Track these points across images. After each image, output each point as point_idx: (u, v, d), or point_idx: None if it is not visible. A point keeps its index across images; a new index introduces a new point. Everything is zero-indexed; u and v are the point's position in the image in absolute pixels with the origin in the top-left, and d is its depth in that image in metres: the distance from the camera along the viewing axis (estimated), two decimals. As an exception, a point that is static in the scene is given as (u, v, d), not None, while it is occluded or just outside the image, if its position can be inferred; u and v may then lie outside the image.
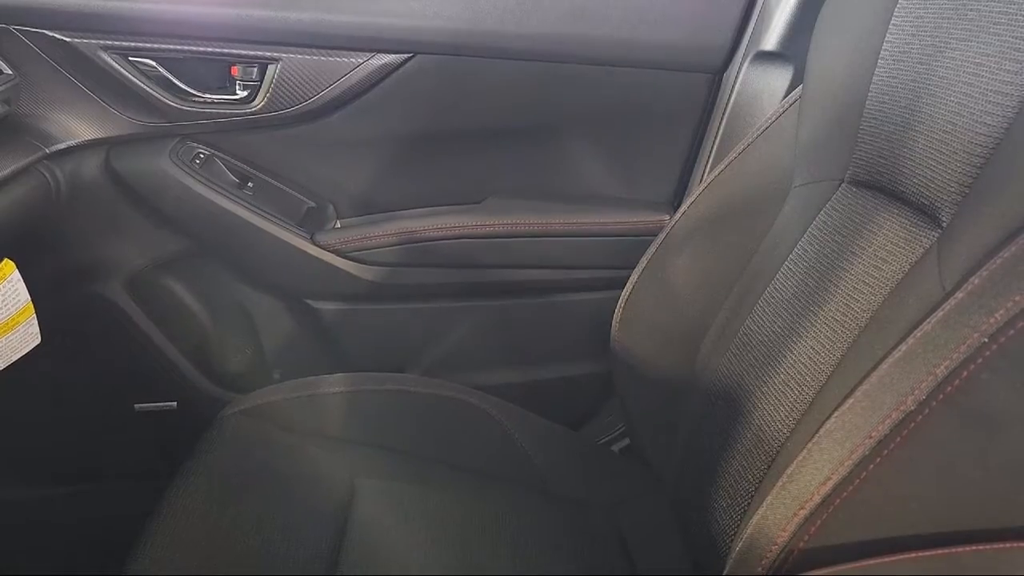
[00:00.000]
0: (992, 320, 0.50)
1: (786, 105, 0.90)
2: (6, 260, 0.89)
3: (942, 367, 0.51)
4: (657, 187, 1.16)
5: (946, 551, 0.52)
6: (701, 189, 0.94)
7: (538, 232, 1.12)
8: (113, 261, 1.11)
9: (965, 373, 0.50)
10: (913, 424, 0.51)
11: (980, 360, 0.50)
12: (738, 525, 0.73)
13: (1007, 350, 0.50)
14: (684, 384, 0.92)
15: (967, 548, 0.52)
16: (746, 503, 0.73)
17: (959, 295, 0.53)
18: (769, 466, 0.72)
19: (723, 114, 1.09)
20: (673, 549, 0.90)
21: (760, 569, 0.55)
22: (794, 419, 0.71)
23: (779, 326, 0.80)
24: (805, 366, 0.73)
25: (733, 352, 0.85)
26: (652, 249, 0.96)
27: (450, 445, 0.99)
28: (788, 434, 0.71)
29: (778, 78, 1.03)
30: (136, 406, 1.19)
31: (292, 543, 0.81)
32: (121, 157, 1.06)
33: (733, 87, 1.07)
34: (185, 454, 0.93)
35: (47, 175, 1.00)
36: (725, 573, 0.59)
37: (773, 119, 0.91)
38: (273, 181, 1.12)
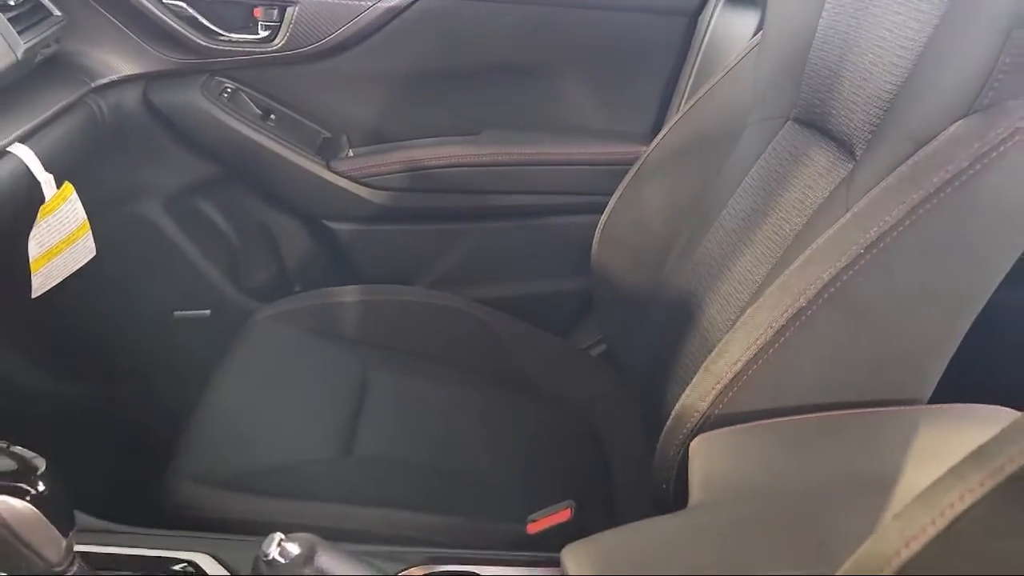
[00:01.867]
0: (867, 236, 0.63)
1: (747, 49, 1.01)
2: (66, 183, 1.01)
3: (828, 272, 0.64)
4: (637, 121, 1.27)
5: (826, 414, 0.67)
6: (671, 123, 1.05)
7: (529, 161, 1.24)
8: (152, 184, 1.24)
9: (845, 277, 0.64)
10: (804, 317, 0.65)
11: (857, 267, 0.64)
12: (682, 406, 0.88)
13: (877, 260, 0.63)
14: (650, 295, 1.05)
15: (841, 412, 0.67)
16: (690, 389, 0.88)
17: (846, 216, 0.66)
18: (709, 359, 0.86)
19: (697, 54, 1.19)
20: (636, 434, 1.05)
21: (686, 429, 0.70)
22: (731, 321, 0.85)
23: (728, 244, 0.93)
24: (744, 277, 0.87)
25: (691, 267, 0.99)
26: (628, 177, 1.07)
27: (449, 347, 1.14)
28: (725, 332, 0.85)
29: (746, 22, 1.13)
30: (175, 313, 1.33)
31: (315, 425, 0.96)
32: (157, 91, 1.18)
33: (707, 30, 1.18)
34: (219, 355, 1.07)
35: (94, 107, 1.12)
36: (662, 436, 0.74)
37: (736, 61, 1.01)
38: (293, 113, 1.24)
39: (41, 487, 0.57)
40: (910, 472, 0.62)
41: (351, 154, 1.28)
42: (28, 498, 0.56)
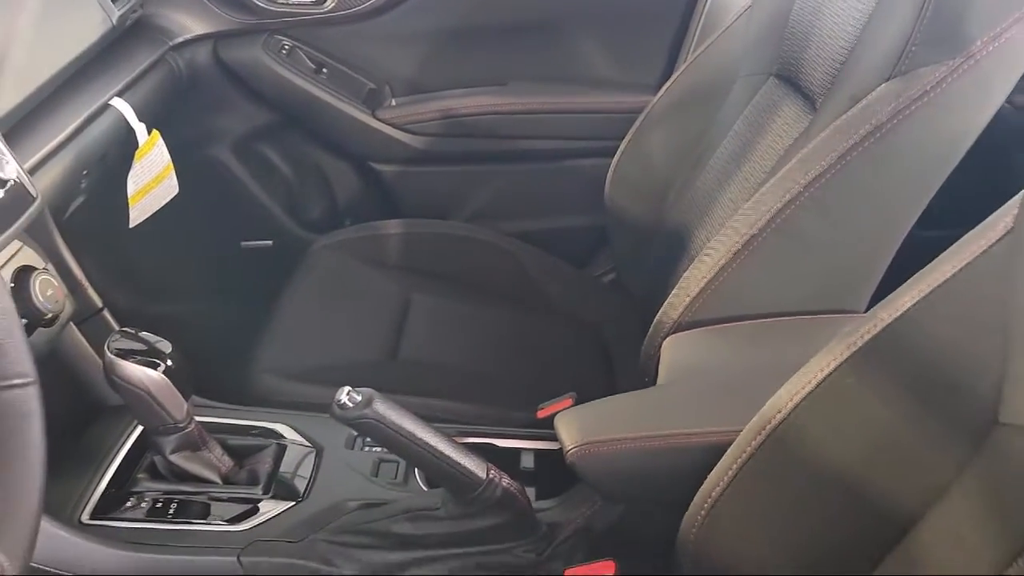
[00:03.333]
0: (806, 176, 0.79)
1: (742, 9, 1.14)
2: (154, 130, 1.19)
3: (775, 206, 0.80)
4: (646, 74, 1.40)
5: (774, 319, 0.83)
6: (674, 77, 1.19)
7: (551, 110, 1.38)
8: (222, 130, 1.41)
9: (788, 211, 0.80)
10: (754, 244, 0.81)
11: (798, 203, 0.79)
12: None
13: (814, 196, 0.79)
14: (653, 227, 1.19)
15: (787, 319, 0.83)
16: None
17: (793, 161, 0.81)
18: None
19: (701, 13, 1.32)
20: (637, 346, 1.21)
21: (663, 333, 0.87)
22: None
23: (715, 184, 1.08)
24: (725, 213, 1.02)
25: (686, 203, 1.14)
26: (636, 125, 1.22)
27: (479, 273, 1.31)
28: (707, 258, 1.01)
29: (745, -16, 1.25)
30: (242, 244, 1.51)
31: (366, 334, 1.15)
32: (225, 48, 1.34)
33: (710, -10, 1.30)
34: (281, 280, 1.26)
35: (172, 64, 1.29)
36: (646, 339, 0.91)
37: (731, 21, 1.15)
38: (342, 67, 1.39)
39: (169, 362, 0.77)
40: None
41: (394, 103, 1.43)
42: (161, 369, 0.76)
